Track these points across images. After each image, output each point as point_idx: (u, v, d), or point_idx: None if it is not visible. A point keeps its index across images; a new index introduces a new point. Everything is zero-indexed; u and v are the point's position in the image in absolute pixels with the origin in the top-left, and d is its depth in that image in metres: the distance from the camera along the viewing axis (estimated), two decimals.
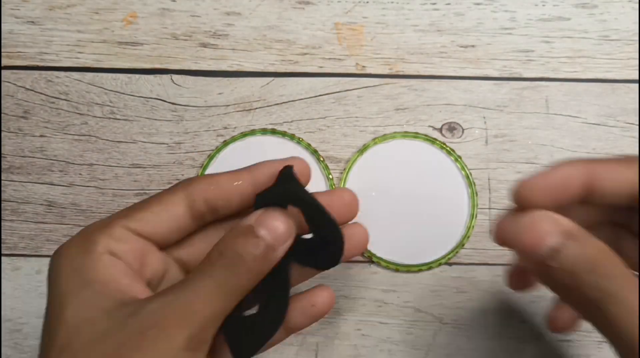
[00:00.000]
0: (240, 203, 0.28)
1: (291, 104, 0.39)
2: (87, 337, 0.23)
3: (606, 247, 0.23)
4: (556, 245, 0.22)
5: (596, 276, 0.22)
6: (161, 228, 0.27)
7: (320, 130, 0.39)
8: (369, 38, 0.40)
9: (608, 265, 0.22)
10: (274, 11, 0.40)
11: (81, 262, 0.25)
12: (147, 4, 0.40)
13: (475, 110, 0.39)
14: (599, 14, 0.40)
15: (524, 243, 0.23)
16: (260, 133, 0.38)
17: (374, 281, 0.36)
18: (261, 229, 0.24)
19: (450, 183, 0.37)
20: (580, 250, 0.22)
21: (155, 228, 0.26)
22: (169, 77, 0.40)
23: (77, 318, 0.23)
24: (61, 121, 0.39)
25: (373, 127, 0.39)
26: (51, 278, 0.25)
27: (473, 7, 0.40)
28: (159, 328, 0.22)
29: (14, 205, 0.38)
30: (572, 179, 0.25)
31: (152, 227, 0.26)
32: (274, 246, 0.24)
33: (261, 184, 0.27)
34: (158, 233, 0.27)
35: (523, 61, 0.39)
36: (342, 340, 0.35)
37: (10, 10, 0.40)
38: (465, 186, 0.37)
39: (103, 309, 0.23)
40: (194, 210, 0.27)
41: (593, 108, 0.39)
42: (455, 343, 0.35)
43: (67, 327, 0.23)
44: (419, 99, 0.39)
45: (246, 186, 0.28)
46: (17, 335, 0.36)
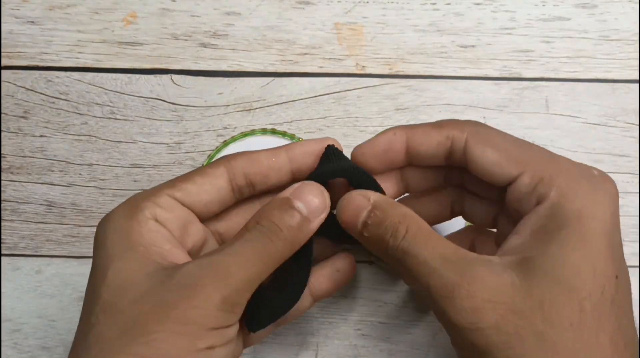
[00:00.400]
0: (278, 180, 0.29)
1: (291, 104, 0.39)
2: (129, 297, 0.24)
3: (407, 211, 0.26)
4: (365, 218, 0.26)
5: (395, 238, 0.25)
6: (203, 199, 0.28)
7: (320, 130, 0.39)
8: (369, 38, 0.40)
9: (404, 227, 0.25)
10: (274, 11, 0.40)
11: (127, 226, 0.26)
12: (147, 4, 0.40)
13: (475, 110, 0.39)
14: (599, 14, 0.40)
15: (344, 221, 0.27)
16: (260, 133, 0.38)
17: (374, 281, 0.36)
18: (297, 201, 0.26)
19: None
20: (383, 218, 0.26)
21: (198, 198, 0.28)
22: (169, 77, 0.40)
23: (120, 279, 0.24)
24: (61, 121, 0.39)
25: (373, 127, 0.39)
26: (97, 242, 0.26)
27: (473, 7, 0.40)
28: (195, 287, 0.23)
29: (14, 205, 0.38)
30: (393, 143, 0.28)
31: (195, 198, 0.27)
32: (309, 218, 0.27)
33: (297, 161, 0.29)
34: (200, 203, 0.28)
35: (523, 61, 0.39)
36: (342, 340, 0.35)
37: (10, 10, 0.40)
38: None
39: (145, 271, 0.24)
40: (234, 184, 0.28)
41: (593, 108, 0.39)
42: None
43: (110, 287, 0.24)
44: (419, 99, 0.39)
45: (283, 163, 0.29)
46: (17, 335, 0.36)
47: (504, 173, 0.26)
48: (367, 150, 0.29)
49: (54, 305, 0.36)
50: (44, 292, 0.36)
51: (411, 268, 0.25)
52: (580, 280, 0.23)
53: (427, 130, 0.28)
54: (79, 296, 0.36)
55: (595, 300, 0.23)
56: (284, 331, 0.35)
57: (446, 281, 0.24)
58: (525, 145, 0.27)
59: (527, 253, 0.24)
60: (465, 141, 0.27)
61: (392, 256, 0.26)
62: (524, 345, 0.23)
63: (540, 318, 0.23)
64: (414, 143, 0.28)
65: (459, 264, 0.24)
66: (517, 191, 0.26)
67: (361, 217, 0.26)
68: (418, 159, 0.29)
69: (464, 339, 0.23)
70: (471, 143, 0.27)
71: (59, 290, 0.36)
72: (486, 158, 0.27)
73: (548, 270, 0.23)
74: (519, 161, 0.26)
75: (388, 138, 0.29)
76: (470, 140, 0.27)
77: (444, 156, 0.28)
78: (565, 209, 0.25)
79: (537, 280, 0.23)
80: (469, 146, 0.27)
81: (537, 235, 0.25)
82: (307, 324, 0.36)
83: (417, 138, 0.28)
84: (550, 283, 0.23)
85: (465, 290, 0.23)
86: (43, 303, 0.36)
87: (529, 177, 0.26)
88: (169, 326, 0.23)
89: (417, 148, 0.28)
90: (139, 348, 0.23)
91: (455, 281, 0.24)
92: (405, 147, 0.29)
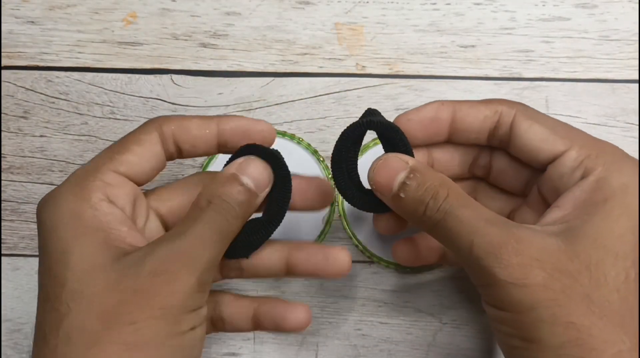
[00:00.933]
0: (204, 151, 0.29)
1: (291, 104, 0.39)
2: (100, 284, 0.24)
3: (444, 177, 0.26)
4: (404, 179, 0.26)
5: (436, 200, 0.25)
6: (145, 169, 0.27)
7: (320, 130, 0.39)
8: (369, 38, 0.40)
9: (446, 190, 0.25)
10: (274, 11, 0.40)
11: (80, 209, 0.25)
12: (147, 4, 0.40)
13: None
14: (599, 14, 0.40)
15: (379, 182, 0.27)
16: None
17: (374, 281, 0.36)
18: (244, 177, 0.27)
19: None
20: (423, 181, 0.26)
21: (140, 169, 0.27)
22: (169, 77, 0.40)
23: (84, 265, 0.24)
24: (61, 121, 0.39)
25: None
26: (46, 225, 0.25)
27: (473, 7, 0.40)
28: (170, 273, 0.24)
29: (14, 205, 0.38)
30: (440, 112, 0.29)
31: (137, 169, 0.27)
32: (256, 193, 0.27)
33: (225, 136, 0.29)
34: (143, 174, 0.27)
35: (523, 61, 0.39)
36: (342, 340, 0.35)
37: (10, 10, 0.40)
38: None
39: (110, 257, 0.24)
40: (165, 149, 0.28)
41: (593, 108, 0.39)
42: (455, 343, 0.35)
43: (75, 273, 0.24)
44: (419, 99, 0.39)
45: (212, 135, 0.29)
46: (17, 335, 0.36)
47: (551, 148, 0.27)
48: (414, 116, 0.29)
49: None
50: None
51: (452, 228, 0.25)
52: (626, 248, 0.24)
53: (475, 104, 0.29)
54: None
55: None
56: None
57: (492, 239, 0.24)
58: (569, 125, 0.28)
59: (572, 223, 0.25)
60: (514, 116, 0.28)
61: (430, 219, 0.25)
62: (571, 303, 0.23)
63: (587, 279, 0.23)
64: (461, 115, 0.29)
65: (504, 225, 0.24)
66: (562, 166, 0.26)
67: (398, 178, 0.26)
68: (461, 133, 0.29)
69: (509, 296, 0.24)
70: (519, 119, 0.28)
71: None
72: (534, 132, 0.27)
73: (594, 237, 0.24)
74: (566, 137, 0.27)
75: (436, 107, 0.29)
76: (519, 116, 0.28)
77: (489, 131, 0.29)
78: (611, 183, 0.25)
79: (584, 245, 0.24)
80: (516, 121, 0.28)
81: (581, 206, 0.25)
82: None
83: (464, 110, 0.29)
84: (597, 249, 0.24)
85: (513, 248, 0.24)
86: None
87: (576, 152, 0.26)
88: (152, 313, 0.23)
89: (463, 119, 0.29)
90: (125, 336, 0.23)
91: (502, 239, 0.24)
92: (451, 118, 0.29)
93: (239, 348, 0.35)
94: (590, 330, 0.23)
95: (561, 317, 0.23)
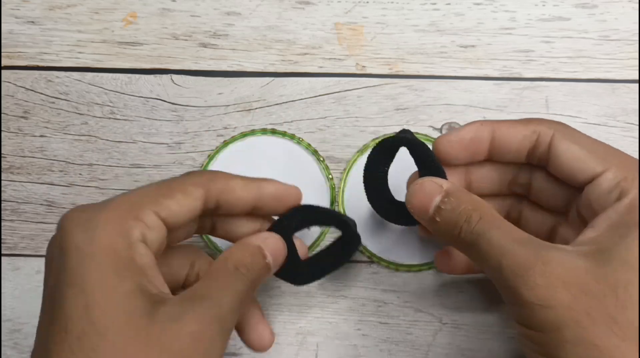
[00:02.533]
0: (241, 210, 0.30)
1: (291, 104, 0.39)
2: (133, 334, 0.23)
3: (479, 199, 0.27)
4: (439, 203, 0.27)
5: (469, 223, 0.26)
6: (179, 219, 0.27)
7: (320, 130, 0.39)
8: (369, 38, 0.40)
9: (479, 213, 0.26)
10: (274, 11, 0.40)
11: (118, 246, 0.24)
12: (147, 4, 0.40)
13: (476, 110, 0.39)
14: (599, 14, 0.40)
15: (416, 206, 0.28)
16: (261, 133, 0.38)
17: (374, 281, 0.36)
18: (267, 252, 0.28)
19: None
20: (457, 204, 0.27)
21: (175, 219, 0.27)
22: (169, 77, 0.40)
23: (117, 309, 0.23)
24: (61, 121, 0.39)
25: (373, 127, 0.39)
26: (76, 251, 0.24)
27: (473, 7, 0.40)
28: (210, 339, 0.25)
29: (14, 205, 0.38)
30: (480, 132, 0.29)
31: (174, 218, 0.27)
32: (274, 266, 0.29)
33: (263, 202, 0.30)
34: (175, 223, 0.27)
35: (523, 61, 0.39)
36: (342, 340, 0.35)
37: (10, 10, 0.40)
38: None
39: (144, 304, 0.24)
40: (205, 206, 0.28)
41: (593, 108, 0.39)
42: (455, 343, 0.35)
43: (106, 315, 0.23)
44: (419, 99, 0.39)
45: (251, 199, 0.29)
46: (17, 335, 0.36)
47: (588, 169, 0.27)
48: (454, 137, 0.30)
49: None
50: None
51: (484, 250, 0.25)
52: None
53: (513, 124, 0.29)
54: None
55: None
56: (284, 331, 0.35)
57: (520, 261, 0.24)
58: (607, 146, 0.28)
59: (603, 244, 0.25)
60: (552, 137, 0.28)
61: (463, 240, 0.26)
62: (595, 325, 0.23)
63: (614, 302, 0.23)
64: (500, 135, 0.29)
65: (533, 247, 0.25)
66: (598, 187, 0.27)
67: (434, 202, 0.27)
68: (500, 152, 0.30)
69: (535, 316, 0.24)
70: (558, 139, 0.28)
71: None
72: (572, 153, 0.28)
73: (624, 259, 0.24)
74: (604, 159, 0.27)
75: (476, 127, 0.30)
76: (557, 136, 0.28)
77: (527, 150, 0.29)
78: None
79: (613, 267, 0.24)
80: (555, 141, 0.28)
81: (614, 228, 0.25)
82: (307, 324, 0.36)
83: (503, 130, 0.29)
84: (626, 271, 0.24)
85: (539, 269, 0.24)
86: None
87: (613, 174, 0.27)
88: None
89: (502, 139, 0.29)
90: None
91: (529, 261, 0.24)
92: (490, 138, 0.30)
93: (239, 348, 0.35)
94: (612, 352, 0.23)
95: (584, 338, 0.23)
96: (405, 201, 0.29)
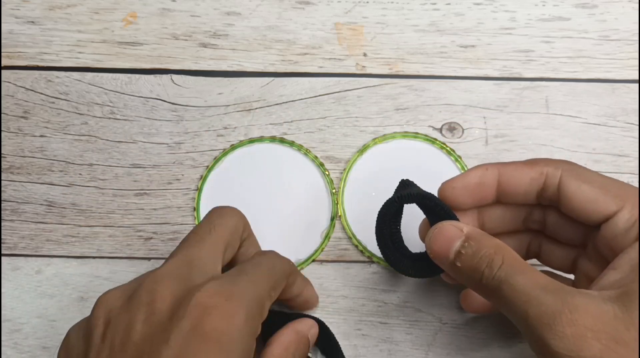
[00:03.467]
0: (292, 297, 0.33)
1: (291, 104, 0.39)
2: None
3: (500, 243, 0.26)
4: (459, 248, 0.26)
5: (491, 268, 0.25)
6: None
7: (320, 130, 0.39)
8: (369, 38, 0.40)
9: (500, 257, 0.25)
10: (274, 11, 0.40)
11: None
12: (147, 4, 0.40)
13: (475, 110, 0.39)
14: (599, 14, 0.40)
15: (436, 251, 0.27)
16: (269, 141, 0.38)
17: (374, 281, 0.36)
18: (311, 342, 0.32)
19: None
20: (478, 249, 0.26)
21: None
22: (169, 77, 0.40)
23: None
24: (61, 121, 0.39)
25: (373, 127, 0.39)
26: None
27: (473, 7, 0.40)
28: None
29: (14, 205, 0.38)
30: (485, 178, 0.29)
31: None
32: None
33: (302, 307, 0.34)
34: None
35: (523, 61, 0.39)
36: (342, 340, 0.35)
37: (10, 10, 0.40)
38: None
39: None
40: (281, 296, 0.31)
41: (593, 108, 0.39)
42: (455, 343, 0.35)
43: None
44: (419, 99, 0.39)
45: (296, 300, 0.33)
46: (17, 335, 0.36)
47: (601, 209, 0.26)
48: (459, 184, 0.29)
49: (54, 305, 0.36)
50: (44, 292, 0.36)
51: (508, 297, 0.25)
52: None
53: (519, 167, 0.29)
54: (79, 297, 0.36)
55: None
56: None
57: (546, 309, 0.23)
58: (618, 181, 0.27)
59: (629, 287, 0.24)
60: (560, 178, 0.27)
61: (486, 286, 0.26)
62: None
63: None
64: (507, 178, 0.29)
65: (558, 293, 0.24)
66: (614, 226, 0.26)
67: (454, 247, 0.27)
68: (509, 196, 0.29)
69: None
70: (566, 179, 0.27)
71: (59, 290, 0.36)
72: (583, 193, 0.27)
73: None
74: (618, 197, 0.26)
75: (480, 173, 0.29)
76: (565, 176, 0.27)
77: (536, 193, 0.28)
78: None
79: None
80: (563, 182, 0.27)
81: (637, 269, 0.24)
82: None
83: (509, 173, 0.28)
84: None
85: (567, 318, 0.23)
86: (43, 303, 0.36)
87: (629, 212, 0.26)
88: None
89: (509, 182, 0.29)
90: None
91: (556, 309, 0.23)
92: (496, 183, 0.29)
93: None
94: None
95: None
96: (425, 246, 0.28)
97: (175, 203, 0.37)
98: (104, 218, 0.37)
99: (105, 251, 0.36)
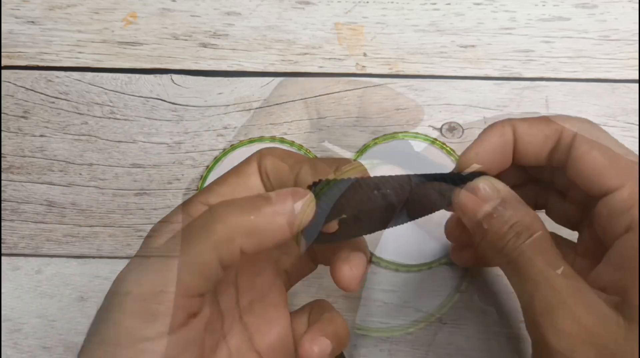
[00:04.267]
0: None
1: (291, 104, 0.39)
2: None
3: (536, 216, 0.25)
4: (490, 210, 0.25)
5: (517, 239, 0.24)
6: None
7: (320, 130, 0.39)
8: (369, 38, 0.40)
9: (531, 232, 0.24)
10: (274, 11, 0.40)
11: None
12: (147, 4, 0.40)
13: (475, 110, 0.39)
14: (599, 14, 0.40)
15: (465, 205, 0.25)
16: (269, 141, 0.38)
17: (374, 281, 0.36)
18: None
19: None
20: (511, 216, 0.24)
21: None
22: (169, 77, 0.40)
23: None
24: (61, 121, 0.39)
25: (373, 127, 0.39)
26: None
27: (473, 7, 0.40)
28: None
29: (14, 205, 0.38)
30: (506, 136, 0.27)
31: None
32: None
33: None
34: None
35: (523, 61, 0.39)
36: None
37: (10, 10, 0.40)
38: None
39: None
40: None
41: (593, 108, 0.39)
42: (455, 343, 0.35)
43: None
44: (419, 99, 0.39)
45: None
46: (17, 335, 0.36)
47: (602, 181, 0.25)
48: (480, 148, 0.27)
49: (54, 305, 0.36)
50: (44, 292, 0.36)
51: (523, 271, 0.24)
52: None
53: (534, 123, 0.27)
54: (79, 296, 0.36)
55: None
56: None
57: (554, 295, 0.23)
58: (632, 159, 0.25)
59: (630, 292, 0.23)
60: (574, 137, 0.26)
61: (505, 255, 0.24)
62: None
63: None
64: (520, 136, 0.27)
65: (571, 284, 0.23)
66: (611, 204, 0.25)
67: (485, 208, 0.25)
68: (522, 155, 0.27)
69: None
70: (579, 141, 0.25)
71: (58, 290, 0.36)
72: (590, 159, 0.25)
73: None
74: (622, 173, 0.25)
75: (500, 131, 0.27)
76: (579, 137, 0.26)
77: (549, 151, 0.27)
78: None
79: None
80: (576, 143, 0.26)
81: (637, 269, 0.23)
82: None
83: (524, 130, 0.26)
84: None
85: (569, 312, 0.22)
86: (43, 303, 0.36)
87: (627, 193, 0.24)
88: None
89: (522, 139, 0.27)
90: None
91: (561, 299, 0.22)
92: (513, 141, 0.27)
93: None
94: None
95: None
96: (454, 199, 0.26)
97: (175, 202, 0.37)
98: (104, 218, 0.37)
99: (105, 251, 0.36)
